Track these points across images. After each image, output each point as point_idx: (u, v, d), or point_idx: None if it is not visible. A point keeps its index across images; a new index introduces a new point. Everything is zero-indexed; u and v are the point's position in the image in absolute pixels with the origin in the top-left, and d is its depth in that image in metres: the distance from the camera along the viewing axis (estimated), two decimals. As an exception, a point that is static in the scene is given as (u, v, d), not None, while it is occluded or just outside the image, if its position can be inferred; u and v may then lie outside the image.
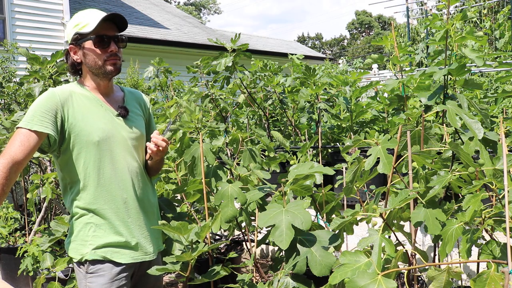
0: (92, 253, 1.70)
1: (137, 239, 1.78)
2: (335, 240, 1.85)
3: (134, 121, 1.86)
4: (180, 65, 7.24)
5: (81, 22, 1.74)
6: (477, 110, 2.02)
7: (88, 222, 1.73)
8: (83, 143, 1.71)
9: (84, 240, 1.72)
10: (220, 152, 2.36)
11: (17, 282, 3.57)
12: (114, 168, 1.75)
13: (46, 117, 1.65)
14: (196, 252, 1.82)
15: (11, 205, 3.94)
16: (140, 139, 1.87)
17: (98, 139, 1.72)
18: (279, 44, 17.28)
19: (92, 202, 1.73)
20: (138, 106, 1.94)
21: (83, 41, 1.75)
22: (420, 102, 3.10)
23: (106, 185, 1.74)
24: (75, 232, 1.74)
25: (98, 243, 1.71)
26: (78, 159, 1.72)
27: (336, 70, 8.66)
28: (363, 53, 40.14)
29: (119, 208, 1.75)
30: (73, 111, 1.71)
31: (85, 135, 1.71)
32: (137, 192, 1.81)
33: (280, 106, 3.85)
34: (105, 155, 1.74)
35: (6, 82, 5.23)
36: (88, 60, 1.76)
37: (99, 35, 1.73)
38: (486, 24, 7.55)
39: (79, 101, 1.74)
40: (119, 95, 1.89)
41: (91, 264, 1.71)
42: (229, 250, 3.19)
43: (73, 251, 1.74)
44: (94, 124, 1.73)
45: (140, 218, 1.80)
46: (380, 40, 2.87)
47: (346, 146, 1.93)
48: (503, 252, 1.62)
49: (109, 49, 1.75)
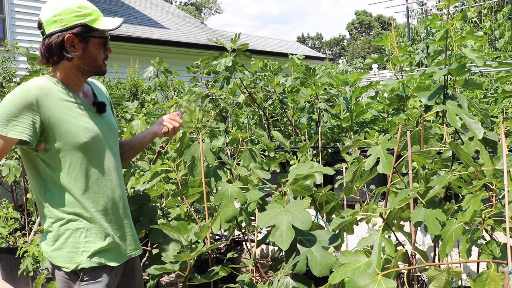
0: (88, 261, 1.59)
1: (125, 237, 1.72)
2: (335, 240, 1.85)
3: (109, 115, 1.78)
4: (180, 65, 7.25)
5: (84, 12, 1.61)
6: (477, 110, 2.02)
7: (78, 228, 1.61)
8: (69, 145, 1.58)
9: (75, 247, 1.60)
10: (220, 152, 2.36)
11: (17, 282, 3.57)
12: (100, 168, 1.67)
13: (21, 120, 1.49)
14: (195, 252, 1.82)
15: (11, 205, 3.94)
16: (116, 133, 1.79)
17: (86, 140, 1.60)
18: (279, 44, 17.28)
19: (80, 206, 1.61)
20: (105, 97, 1.84)
21: (91, 37, 1.62)
22: (420, 102, 3.10)
23: (94, 187, 1.64)
24: (62, 239, 1.60)
25: (92, 249, 1.61)
26: (64, 161, 1.58)
27: (336, 70, 8.66)
28: (363, 53, 40.15)
29: (107, 209, 1.67)
30: (53, 111, 1.55)
31: (71, 136, 1.58)
32: (121, 189, 1.75)
33: (280, 106, 3.85)
34: (91, 156, 1.64)
35: (7, 82, 5.23)
36: (87, 57, 1.63)
37: (106, 36, 1.66)
38: (486, 24, 7.55)
39: (58, 99, 1.58)
40: (88, 88, 1.77)
41: (87, 272, 1.60)
42: (229, 250, 3.18)
43: (61, 260, 1.60)
44: (78, 123, 1.60)
45: (124, 215, 1.74)
46: (380, 40, 2.87)
47: (346, 146, 1.93)
48: (503, 252, 1.62)
49: (108, 51, 1.69)
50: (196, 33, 12.47)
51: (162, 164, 2.71)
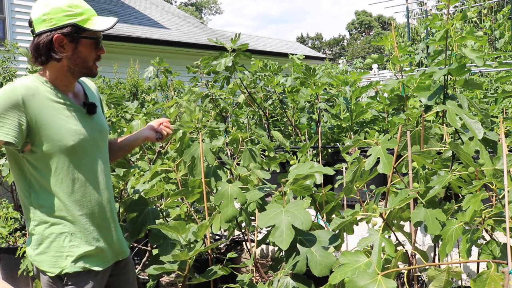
0: (72, 266, 1.56)
1: (112, 240, 1.70)
2: (335, 240, 1.85)
3: (100, 116, 1.74)
4: (180, 65, 7.24)
5: (75, 11, 1.56)
6: (477, 110, 2.02)
7: (62, 232, 1.57)
8: (55, 147, 1.54)
9: (60, 252, 1.57)
10: (220, 152, 2.37)
11: (17, 282, 3.57)
12: (88, 171, 1.63)
13: (6, 122, 1.45)
14: (193, 252, 1.81)
15: (11, 205, 3.94)
16: (106, 134, 1.75)
17: (73, 143, 1.57)
18: (279, 44, 17.28)
19: (65, 209, 1.57)
20: (96, 97, 1.80)
21: (81, 37, 1.57)
22: (420, 102, 3.10)
23: (81, 190, 1.60)
24: (46, 243, 1.57)
25: (77, 253, 1.58)
26: (50, 164, 1.55)
27: (336, 70, 8.66)
28: (363, 53, 40.15)
29: (94, 212, 1.63)
30: (40, 112, 1.51)
31: (58, 139, 1.54)
32: (109, 192, 1.72)
33: (280, 106, 3.85)
34: (79, 159, 1.60)
35: (7, 82, 5.23)
36: (77, 58, 1.58)
37: (99, 37, 1.61)
38: (486, 24, 7.55)
39: (46, 100, 1.54)
40: (79, 88, 1.73)
41: (71, 276, 1.57)
42: (229, 250, 3.18)
43: (46, 264, 1.57)
44: (66, 126, 1.56)
45: (112, 218, 1.71)
46: (380, 40, 2.87)
47: (346, 146, 1.93)
48: (503, 252, 1.62)
49: (100, 51, 1.63)
50: (196, 33, 12.47)
51: (162, 164, 2.71)
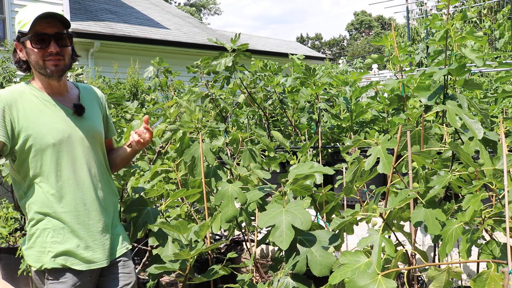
0: (52, 261, 1.63)
1: (100, 241, 1.72)
2: (335, 240, 1.85)
3: (91, 118, 1.80)
4: (180, 65, 7.25)
5: (23, 20, 1.66)
6: (477, 110, 2.02)
7: (45, 228, 1.65)
8: (38, 146, 1.63)
9: (42, 247, 1.64)
10: (220, 152, 2.36)
11: (17, 282, 3.57)
12: (73, 169, 1.69)
13: None
14: (195, 251, 1.82)
15: (11, 205, 3.94)
16: (98, 136, 1.81)
17: (54, 141, 1.65)
18: (279, 44, 17.28)
19: (49, 206, 1.65)
20: (94, 102, 1.87)
21: (24, 40, 1.67)
22: (420, 102, 3.10)
23: (64, 188, 1.67)
24: (33, 239, 1.66)
25: (58, 250, 1.64)
26: (34, 162, 1.64)
27: (336, 70, 8.67)
28: (363, 53, 40.15)
29: (79, 210, 1.68)
30: (24, 114, 1.63)
31: (40, 137, 1.63)
32: (98, 192, 1.75)
33: (280, 106, 3.85)
34: (62, 157, 1.68)
35: (7, 82, 5.23)
36: (31, 60, 1.68)
37: (37, 33, 1.64)
38: (486, 24, 7.55)
39: (30, 102, 1.66)
40: (74, 92, 1.82)
41: (51, 272, 1.64)
42: (229, 250, 3.18)
43: (31, 258, 1.65)
44: (48, 125, 1.66)
45: (102, 219, 1.74)
46: (380, 40, 2.87)
47: (346, 146, 1.93)
48: (503, 252, 1.62)
49: (48, 49, 1.66)
50: (196, 33, 12.47)
51: (162, 164, 2.71)
